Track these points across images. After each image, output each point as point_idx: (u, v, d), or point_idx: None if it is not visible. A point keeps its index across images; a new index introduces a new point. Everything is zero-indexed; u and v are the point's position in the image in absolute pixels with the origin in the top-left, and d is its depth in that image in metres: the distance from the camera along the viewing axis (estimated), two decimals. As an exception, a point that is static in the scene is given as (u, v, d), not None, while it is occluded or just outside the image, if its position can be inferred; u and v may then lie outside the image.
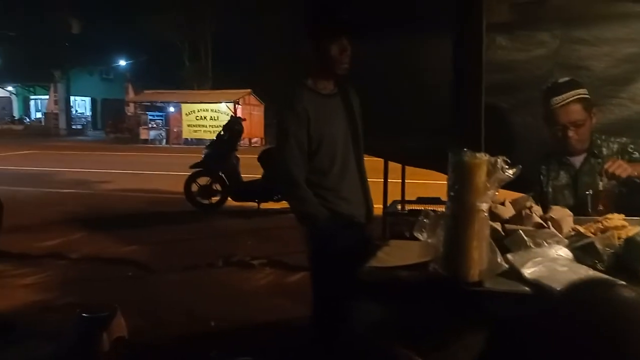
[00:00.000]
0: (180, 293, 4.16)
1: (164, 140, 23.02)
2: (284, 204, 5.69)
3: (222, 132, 7.00)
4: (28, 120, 30.37)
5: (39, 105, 32.89)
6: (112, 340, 2.51)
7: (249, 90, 22.25)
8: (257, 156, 7.01)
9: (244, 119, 7.65)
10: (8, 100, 32.70)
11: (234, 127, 6.72)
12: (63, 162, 14.08)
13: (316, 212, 2.19)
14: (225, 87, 23.57)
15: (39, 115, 31.81)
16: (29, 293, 4.04)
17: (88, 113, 34.79)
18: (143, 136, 23.04)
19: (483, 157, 1.26)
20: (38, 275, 4.47)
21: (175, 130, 23.05)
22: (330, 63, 2.19)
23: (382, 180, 3.26)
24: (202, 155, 6.97)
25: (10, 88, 32.18)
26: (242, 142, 7.25)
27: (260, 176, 7.03)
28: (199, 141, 22.50)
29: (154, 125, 23.27)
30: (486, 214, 1.27)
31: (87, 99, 34.54)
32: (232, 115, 6.98)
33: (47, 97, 30.76)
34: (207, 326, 3.43)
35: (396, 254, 1.52)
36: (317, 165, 2.24)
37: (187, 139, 22.65)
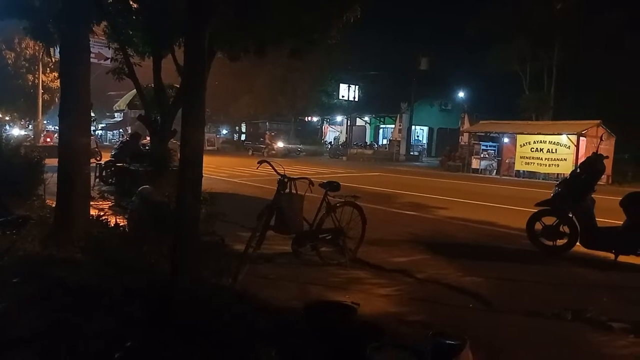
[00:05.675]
0: (527, 339, 3.92)
1: (494, 171, 22.84)
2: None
3: (578, 170, 6.32)
4: (376, 146, 35.29)
5: (385, 133, 37.95)
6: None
7: (597, 121, 19.77)
8: (618, 199, 6.07)
9: (607, 157, 6.72)
10: (363, 129, 38.96)
11: (594, 165, 5.95)
12: (403, 185, 15.63)
13: None
14: (569, 118, 21.68)
15: (384, 141, 36.66)
16: (385, 303, 4.51)
17: (424, 141, 38.01)
18: (474, 165, 23.46)
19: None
20: (391, 288, 4.95)
21: (507, 161, 22.62)
22: None
23: None
24: (552, 193, 6.46)
25: (366, 118, 38.31)
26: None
27: (620, 223, 6.06)
28: (532, 174, 21.38)
29: (486, 156, 23.41)
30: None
31: (425, 128, 37.80)
32: (593, 152, 6.21)
33: (392, 126, 35.19)
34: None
35: None
36: None
37: (518, 171, 21.92)
